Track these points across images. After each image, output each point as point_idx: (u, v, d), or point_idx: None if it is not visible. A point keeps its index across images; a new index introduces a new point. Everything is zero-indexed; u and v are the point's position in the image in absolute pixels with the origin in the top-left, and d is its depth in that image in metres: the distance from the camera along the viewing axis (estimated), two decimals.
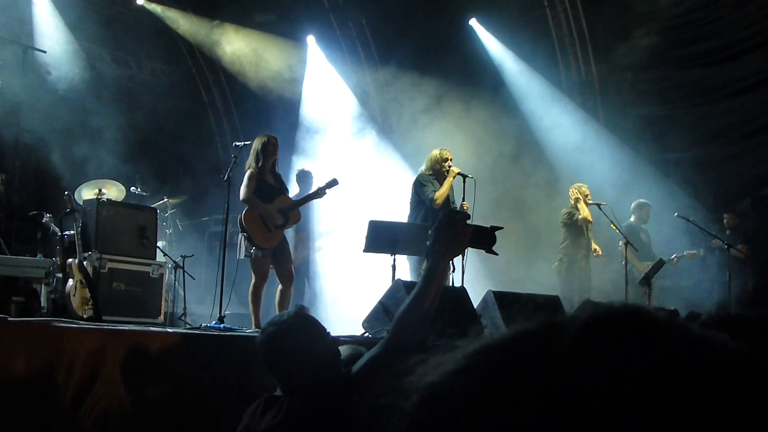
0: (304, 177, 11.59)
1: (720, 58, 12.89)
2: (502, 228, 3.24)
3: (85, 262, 8.25)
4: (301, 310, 3.43)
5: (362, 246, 8.88)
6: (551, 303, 8.70)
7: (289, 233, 11.59)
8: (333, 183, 8.91)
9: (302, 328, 3.33)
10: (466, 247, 3.11)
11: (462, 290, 8.27)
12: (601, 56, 13.75)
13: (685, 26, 13.15)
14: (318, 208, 11.56)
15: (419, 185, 9.81)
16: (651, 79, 13.44)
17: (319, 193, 8.95)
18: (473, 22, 14.33)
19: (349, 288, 12.40)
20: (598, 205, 11.24)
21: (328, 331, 3.43)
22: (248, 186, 8.51)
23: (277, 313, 8.41)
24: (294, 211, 8.78)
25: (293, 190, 11.08)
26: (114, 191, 10.37)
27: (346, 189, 11.74)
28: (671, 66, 13.38)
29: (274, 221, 8.54)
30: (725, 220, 11.47)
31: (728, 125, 12.91)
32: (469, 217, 3.10)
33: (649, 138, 12.85)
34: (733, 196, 12.70)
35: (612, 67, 13.53)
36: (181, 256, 10.77)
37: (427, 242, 2.90)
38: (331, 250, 12.21)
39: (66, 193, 8.86)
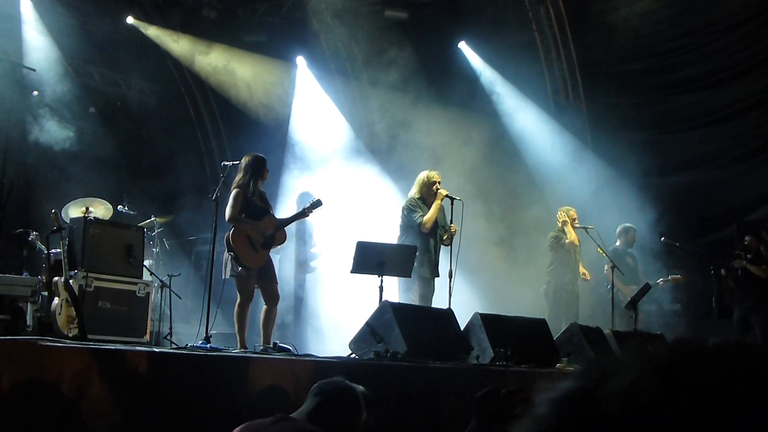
0: (305, 199, 11.53)
1: (705, 84, 13.03)
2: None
3: (71, 281, 8.21)
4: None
5: (350, 267, 8.88)
6: (538, 326, 8.73)
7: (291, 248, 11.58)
8: (317, 204, 8.95)
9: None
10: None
11: (449, 312, 8.28)
12: (589, 80, 13.86)
13: (670, 53, 13.29)
14: (312, 227, 11.59)
15: (408, 210, 9.83)
16: (637, 105, 13.56)
17: (305, 213, 8.98)
18: (462, 45, 14.42)
19: (336, 309, 12.38)
20: (585, 228, 11.28)
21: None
22: (234, 206, 8.48)
23: (262, 333, 8.42)
24: (280, 231, 8.77)
25: (292, 210, 11.11)
26: (101, 210, 10.34)
27: (335, 210, 11.75)
28: (657, 92, 13.50)
29: (261, 241, 8.53)
30: (746, 242, 11.42)
31: (713, 151, 13.02)
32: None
33: (636, 162, 12.92)
34: (718, 221, 12.80)
35: (599, 92, 13.63)
36: (168, 275, 10.73)
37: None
38: (320, 270, 12.19)
39: (53, 211, 8.83)
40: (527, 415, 0.88)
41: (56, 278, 8.22)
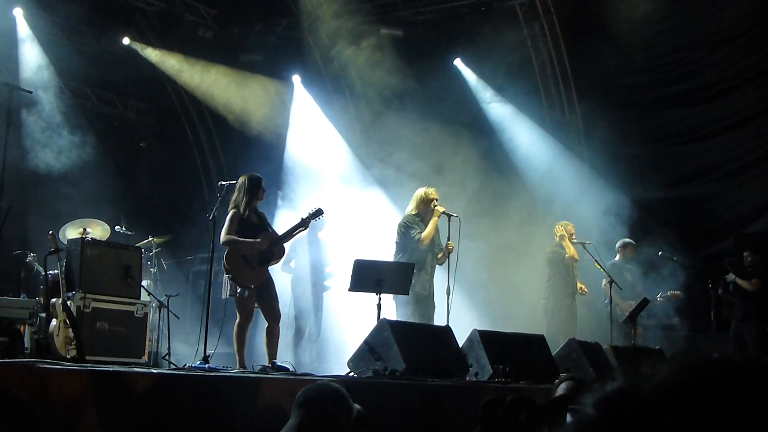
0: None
1: (700, 98, 13.07)
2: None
3: (69, 302, 8.20)
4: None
5: (348, 285, 8.88)
6: (537, 342, 8.71)
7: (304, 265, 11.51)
8: (317, 213, 8.89)
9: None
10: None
11: (447, 329, 8.27)
12: (584, 96, 13.89)
13: (665, 67, 13.34)
14: (327, 247, 11.60)
15: (405, 227, 9.83)
16: (633, 119, 13.59)
17: (304, 223, 8.89)
18: (457, 62, 14.47)
19: (334, 327, 12.37)
20: (583, 243, 11.28)
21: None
22: (229, 228, 8.47)
23: (267, 352, 8.41)
24: (277, 246, 8.74)
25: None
26: (99, 230, 10.33)
27: (332, 228, 11.74)
28: (653, 106, 13.55)
29: (257, 258, 8.50)
30: (745, 257, 11.50)
31: (710, 165, 13.06)
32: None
33: (632, 177, 12.95)
34: (715, 234, 12.81)
35: (595, 107, 13.66)
36: (166, 295, 10.71)
37: None
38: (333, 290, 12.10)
39: (50, 232, 8.81)
40: (573, 417, 1.00)
41: (54, 299, 8.21)
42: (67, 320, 7.95)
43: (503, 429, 2.58)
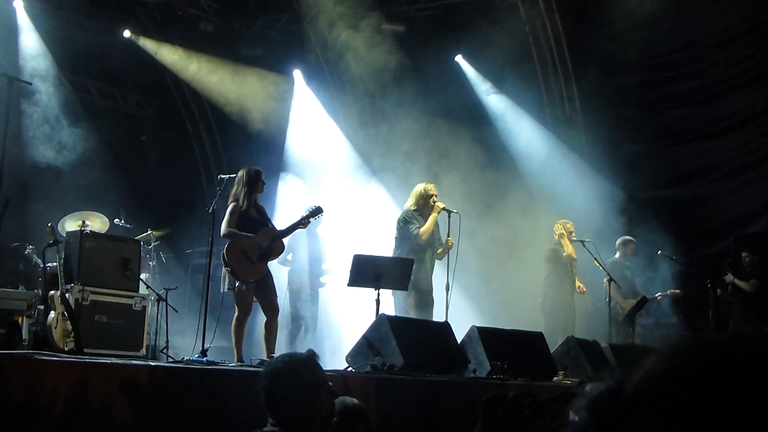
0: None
1: (701, 98, 13.06)
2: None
3: (67, 294, 8.19)
4: (312, 356, 3.56)
5: (347, 280, 8.87)
6: (535, 339, 8.71)
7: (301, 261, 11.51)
8: (317, 211, 8.90)
9: (308, 372, 3.47)
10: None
11: (446, 325, 8.26)
12: (585, 93, 13.88)
13: (667, 67, 13.32)
14: (324, 243, 11.58)
15: (404, 222, 9.83)
16: (634, 118, 13.58)
17: (303, 222, 8.90)
18: (459, 59, 14.45)
19: (332, 322, 12.36)
20: (582, 242, 11.27)
21: (329, 384, 3.57)
22: (229, 221, 8.46)
23: (265, 346, 8.42)
24: (277, 242, 8.74)
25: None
26: (98, 223, 10.32)
27: (332, 223, 11.73)
28: (654, 105, 13.53)
29: (257, 253, 8.50)
30: (743, 258, 11.51)
31: (710, 165, 13.04)
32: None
33: (633, 175, 12.93)
34: (714, 234, 12.80)
35: (596, 105, 13.65)
36: (164, 288, 10.71)
37: None
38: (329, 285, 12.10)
39: (49, 224, 8.79)
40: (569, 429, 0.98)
41: (52, 292, 8.19)
42: (66, 312, 7.93)
43: (505, 425, 2.57)
